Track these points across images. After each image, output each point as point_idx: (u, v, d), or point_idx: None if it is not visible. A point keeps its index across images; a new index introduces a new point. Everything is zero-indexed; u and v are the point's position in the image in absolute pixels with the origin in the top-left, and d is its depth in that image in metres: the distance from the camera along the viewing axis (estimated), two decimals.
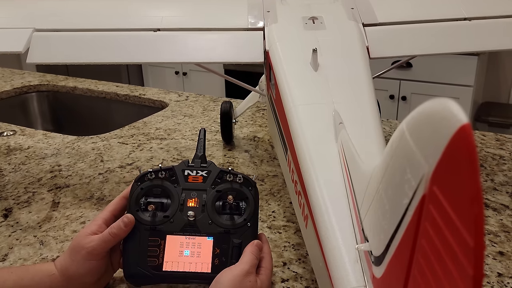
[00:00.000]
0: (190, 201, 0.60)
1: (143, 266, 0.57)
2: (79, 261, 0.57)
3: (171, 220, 0.59)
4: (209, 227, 0.58)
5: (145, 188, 0.61)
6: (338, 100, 0.64)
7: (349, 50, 0.75)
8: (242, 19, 0.85)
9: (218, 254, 0.57)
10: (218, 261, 0.57)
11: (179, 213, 0.59)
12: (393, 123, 1.22)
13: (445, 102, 0.26)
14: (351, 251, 0.45)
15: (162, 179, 0.61)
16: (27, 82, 1.69)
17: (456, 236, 0.24)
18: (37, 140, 1.18)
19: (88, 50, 0.82)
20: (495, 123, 2.38)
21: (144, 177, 0.61)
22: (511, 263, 0.68)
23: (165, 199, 0.60)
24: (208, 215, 0.59)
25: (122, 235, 0.58)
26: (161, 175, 0.61)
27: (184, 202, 0.60)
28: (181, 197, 0.60)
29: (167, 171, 0.61)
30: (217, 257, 0.57)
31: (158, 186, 0.61)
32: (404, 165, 0.31)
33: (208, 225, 0.59)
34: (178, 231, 0.58)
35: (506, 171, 0.94)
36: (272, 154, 1.05)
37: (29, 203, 0.88)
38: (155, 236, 0.58)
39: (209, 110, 1.36)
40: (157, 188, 0.61)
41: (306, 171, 0.56)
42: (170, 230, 0.58)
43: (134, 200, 0.60)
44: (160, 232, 0.58)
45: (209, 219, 0.59)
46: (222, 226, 0.59)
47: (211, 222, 0.59)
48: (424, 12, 0.85)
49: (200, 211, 0.59)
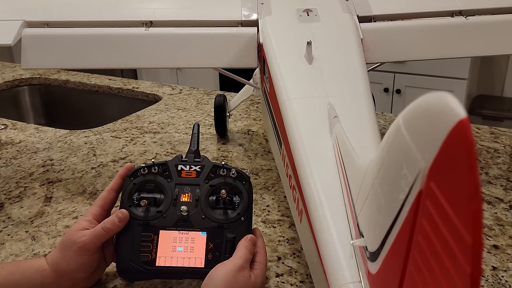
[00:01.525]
0: (184, 196, 0.59)
1: (136, 262, 0.57)
2: (70, 256, 0.56)
3: (164, 215, 0.58)
4: (202, 222, 0.58)
5: (138, 184, 0.60)
6: (333, 94, 0.63)
7: (343, 43, 0.74)
8: (235, 12, 0.84)
9: (212, 249, 0.57)
10: (212, 256, 0.56)
11: (172, 208, 0.59)
12: (388, 116, 1.22)
13: (443, 96, 0.25)
14: (346, 247, 0.45)
15: (155, 174, 0.60)
16: (19, 75, 1.67)
17: (453, 233, 0.24)
18: (29, 134, 1.17)
19: (81, 55, 0.81)
20: (489, 116, 2.39)
21: (137, 172, 0.61)
22: (505, 257, 0.68)
23: (158, 194, 0.60)
24: (201, 210, 0.58)
25: (116, 230, 0.58)
26: (154, 170, 0.61)
27: (177, 197, 0.59)
28: (174, 192, 0.59)
29: (160, 166, 0.61)
30: (211, 252, 0.57)
31: (151, 181, 0.60)
32: (400, 160, 0.31)
33: (202, 219, 0.58)
34: (171, 226, 0.58)
35: (500, 164, 0.94)
36: (266, 147, 1.04)
37: (20, 198, 0.87)
38: (148, 231, 0.58)
39: (203, 103, 1.35)
40: (150, 183, 0.60)
41: (300, 165, 0.56)
42: (163, 225, 0.58)
43: (127, 196, 0.59)
44: (153, 227, 0.58)
45: (202, 213, 0.58)
46: (215, 221, 0.58)
47: (205, 216, 0.58)
48: (419, 5, 0.85)
49: (194, 206, 0.59)
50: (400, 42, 0.80)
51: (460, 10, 0.83)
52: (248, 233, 0.58)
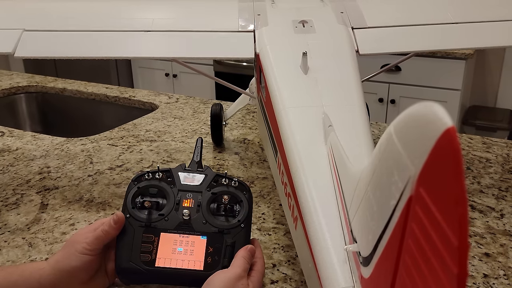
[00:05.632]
0: (186, 201, 0.61)
1: (135, 261, 0.58)
2: (72, 253, 0.58)
3: (166, 218, 0.60)
4: (203, 227, 0.59)
5: (142, 188, 0.62)
6: (328, 103, 0.64)
7: (338, 54, 0.76)
8: (232, 22, 0.86)
9: (211, 252, 0.58)
10: (211, 260, 0.58)
11: (174, 212, 0.60)
12: (382, 126, 1.23)
13: (431, 106, 0.27)
14: (340, 252, 0.46)
15: (159, 179, 0.62)
16: (16, 83, 1.67)
17: (441, 236, 0.25)
18: (26, 141, 1.18)
19: (75, 45, 0.82)
20: (482, 126, 2.41)
21: (141, 177, 0.62)
22: (496, 264, 0.69)
23: (161, 199, 0.61)
24: (202, 215, 0.60)
25: (113, 232, 0.59)
26: (158, 176, 0.62)
27: (180, 202, 0.61)
28: (177, 197, 0.61)
29: (164, 172, 0.63)
30: (210, 255, 0.58)
31: (154, 186, 0.62)
32: (391, 167, 0.32)
33: (203, 224, 0.59)
34: (173, 229, 0.59)
35: (492, 174, 0.95)
36: (262, 156, 1.06)
37: (17, 205, 0.88)
38: (149, 233, 0.59)
39: (199, 112, 1.36)
40: (153, 188, 0.62)
41: (295, 173, 0.57)
42: (164, 227, 0.59)
43: (130, 199, 0.61)
44: (155, 229, 0.59)
45: (203, 219, 0.60)
46: (216, 226, 0.59)
47: (206, 222, 0.60)
48: (412, 17, 0.87)
49: (195, 211, 0.60)
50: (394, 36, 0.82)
51: (452, 22, 0.84)
52: (247, 240, 0.60)
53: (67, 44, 0.82)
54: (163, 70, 3.23)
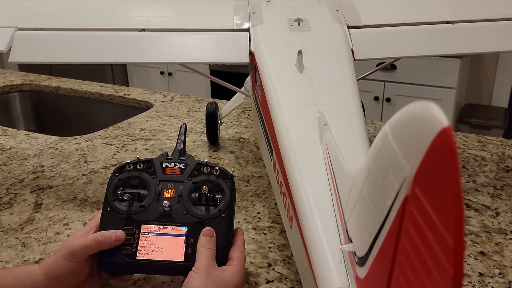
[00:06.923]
0: (167, 192, 0.61)
1: (117, 255, 0.58)
2: (60, 261, 0.57)
3: (146, 210, 0.60)
4: (183, 217, 0.59)
5: (123, 179, 0.61)
6: (323, 102, 0.64)
7: (334, 52, 0.75)
8: (227, 20, 0.85)
9: (192, 243, 0.58)
10: (192, 250, 0.57)
11: (155, 203, 0.60)
12: (378, 124, 1.23)
13: (427, 105, 0.27)
14: (335, 252, 0.46)
15: (140, 170, 0.62)
16: (9, 81, 1.66)
17: (436, 237, 0.25)
18: (20, 140, 1.17)
19: (71, 50, 0.82)
20: (477, 124, 2.42)
21: (123, 168, 0.62)
22: (492, 263, 0.69)
23: (142, 190, 0.61)
24: (183, 206, 0.60)
25: (107, 246, 0.58)
26: (139, 166, 0.62)
27: (161, 192, 0.61)
28: (158, 188, 0.61)
29: (145, 163, 0.62)
30: (191, 246, 0.58)
31: (135, 177, 0.61)
32: (387, 167, 0.32)
33: (183, 215, 0.59)
34: (153, 221, 0.59)
35: (487, 172, 0.95)
36: (257, 155, 1.05)
37: (11, 204, 0.87)
38: (130, 225, 0.59)
39: (194, 110, 1.36)
40: (134, 179, 0.61)
41: (291, 172, 0.57)
42: (145, 219, 0.59)
43: (111, 190, 0.61)
44: (135, 221, 0.59)
45: (184, 209, 0.60)
46: (196, 216, 0.59)
47: (186, 212, 0.59)
48: (407, 15, 0.86)
49: (176, 201, 0.60)
50: (390, 40, 0.82)
51: (447, 21, 0.84)
52: (229, 229, 0.60)
53: (60, 49, 0.82)
54: (158, 69, 3.22)
